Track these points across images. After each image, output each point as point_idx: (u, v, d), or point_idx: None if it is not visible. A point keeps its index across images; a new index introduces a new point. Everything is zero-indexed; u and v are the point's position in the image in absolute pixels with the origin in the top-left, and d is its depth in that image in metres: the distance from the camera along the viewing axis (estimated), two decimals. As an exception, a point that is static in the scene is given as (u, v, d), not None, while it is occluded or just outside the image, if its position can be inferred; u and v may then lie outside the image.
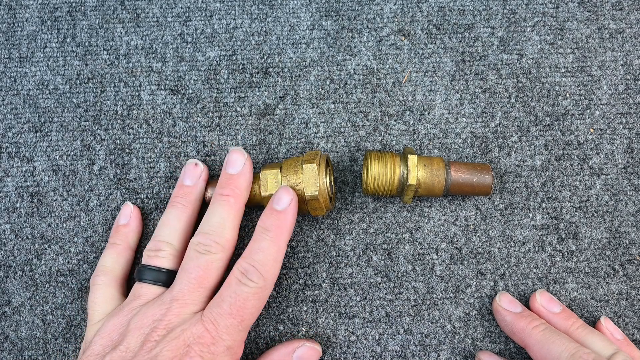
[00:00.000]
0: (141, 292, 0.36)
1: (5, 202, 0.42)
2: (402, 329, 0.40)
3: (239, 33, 0.44)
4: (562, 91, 0.43)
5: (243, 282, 0.34)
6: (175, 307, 0.34)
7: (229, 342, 0.33)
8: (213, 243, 0.35)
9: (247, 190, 0.38)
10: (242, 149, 0.38)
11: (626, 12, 0.44)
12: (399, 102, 0.43)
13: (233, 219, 0.37)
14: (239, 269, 0.34)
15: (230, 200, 0.37)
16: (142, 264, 0.37)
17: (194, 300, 0.34)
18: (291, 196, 0.36)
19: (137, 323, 0.33)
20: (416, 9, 0.44)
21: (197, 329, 0.33)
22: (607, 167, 0.42)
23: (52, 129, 0.43)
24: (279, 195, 0.36)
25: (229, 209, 0.37)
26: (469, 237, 0.41)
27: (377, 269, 0.40)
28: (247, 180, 0.38)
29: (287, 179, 0.36)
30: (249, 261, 0.34)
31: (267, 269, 0.34)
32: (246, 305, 0.33)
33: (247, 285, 0.34)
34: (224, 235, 0.36)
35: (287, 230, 0.36)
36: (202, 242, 0.35)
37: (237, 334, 0.33)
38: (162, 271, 0.36)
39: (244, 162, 0.38)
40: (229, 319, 0.33)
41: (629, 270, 0.40)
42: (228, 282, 0.34)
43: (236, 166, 0.38)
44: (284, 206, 0.36)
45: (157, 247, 0.37)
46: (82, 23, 0.44)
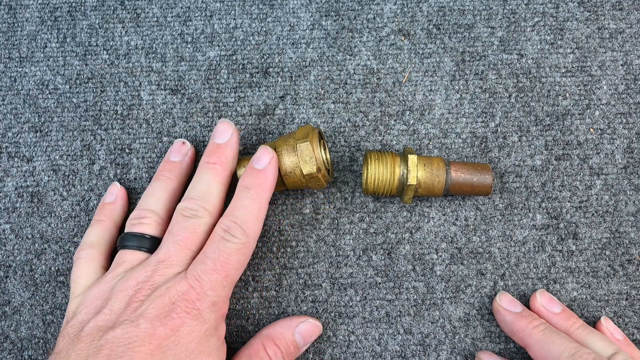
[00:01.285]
0: (125, 258, 0.36)
1: (5, 202, 0.42)
2: (402, 329, 0.40)
3: (239, 33, 0.44)
4: (562, 91, 0.43)
5: (226, 238, 0.34)
6: (161, 268, 0.34)
7: (214, 298, 0.33)
8: (200, 207, 0.36)
9: (234, 160, 0.38)
10: (229, 120, 0.39)
11: (626, 12, 0.44)
12: (399, 102, 0.43)
13: (219, 185, 0.37)
14: (221, 226, 0.35)
15: (217, 167, 0.37)
16: (125, 232, 0.37)
17: (179, 262, 0.34)
18: (270, 155, 0.37)
19: (121, 286, 0.33)
20: (416, 9, 0.44)
21: (181, 286, 0.33)
22: (607, 167, 0.42)
23: (52, 129, 0.43)
24: (258, 155, 0.37)
25: (215, 176, 0.37)
26: (469, 237, 0.41)
27: (377, 269, 0.40)
28: (233, 150, 0.38)
29: (283, 160, 0.37)
30: (231, 218, 0.35)
31: (249, 225, 0.35)
32: (230, 260, 0.34)
33: (230, 241, 0.34)
34: (211, 200, 0.36)
35: (267, 188, 0.37)
36: (188, 207, 0.36)
37: (221, 290, 0.34)
38: (146, 237, 0.36)
39: (231, 132, 0.38)
40: (213, 275, 0.33)
41: (629, 270, 0.40)
42: (211, 239, 0.35)
43: (224, 136, 0.38)
44: (264, 165, 0.37)
45: (141, 215, 0.37)
46: (82, 23, 0.44)
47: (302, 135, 0.37)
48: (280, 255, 0.41)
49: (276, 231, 0.41)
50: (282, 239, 0.41)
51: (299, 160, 0.36)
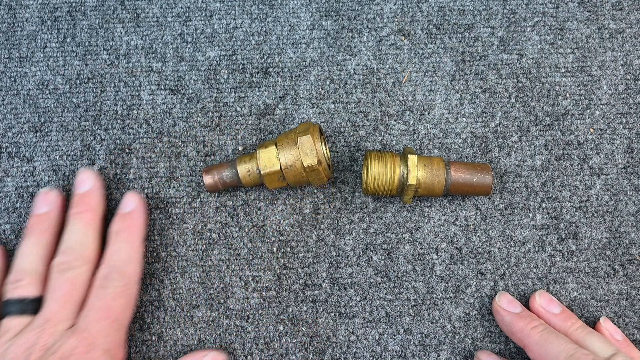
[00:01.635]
0: (10, 325, 0.35)
1: (5, 202, 0.42)
2: (402, 329, 0.40)
3: (239, 33, 0.44)
4: (562, 91, 0.43)
5: (105, 285, 0.35)
6: (48, 327, 0.34)
7: (106, 345, 0.34)
8: (74, 258, 0.36)
9: (101, 205, 0.39)
10: (88, 168, 0.40)
11: (626, 12, 0.44)
12: (399, 102, 0.43)
13: (92, 232, 0.38)
14: (99, 275, 0.36)
15: (86, 215, 0.38)
16: (5, 300, 0.36)
17: (65, 317, 0.34)
18: (136, 198, 0.39)
19: (10, 356, 0.33)
20: (416, 9, 0.44)
21: (71, 342, 0.33)
22: (607, 167, 0.42)
23: (52, 129, 0.43)
24: (124, 200, 0.39)
25: (86, 224, 0.38)
26: (469, 237, 0.41)
27: (377, 269, 0.40)
28: (99, 196, 0.39)
29: (283, 153, 0.37)
30: (107, 265, 0.36)
31: (126, 268, 0.36)
32: (113, 305, 0.35)
33: (109, 287, 0.35)
34: (85, 249, 0.37)
35: (138, 229, 0.38)
36: (62, 261, 0.36)
37: (113, 335, 0.34)
38: (27, 300, 0.35)
39: (93, 179, 0.39)
40: (100, 323, 0.34)
41: (629, 270, 0.40)
42: (91, 289, 0.35)
43: (86, 185, 0.39)
44: (131, 208, 0.39)
45: (17, 278, 0.36)
46: (82, 23, 0.44)
47: (302, 130, 0.37)
48: (280, 255, 0.41)
49: (276, 231, 0.41)
50: (282, 239, 0.41)
51: (299, 153, 0.36)
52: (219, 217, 0.41)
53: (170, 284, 0.40)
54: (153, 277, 0.40)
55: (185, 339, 0.39)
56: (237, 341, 0.39)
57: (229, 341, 0.39)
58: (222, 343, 0.39)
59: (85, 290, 0.36)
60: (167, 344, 0.39)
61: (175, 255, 0.41)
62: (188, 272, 0.40)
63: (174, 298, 0.40)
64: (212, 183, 0.39)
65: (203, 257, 0.41)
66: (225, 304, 0.40)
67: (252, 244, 0.41)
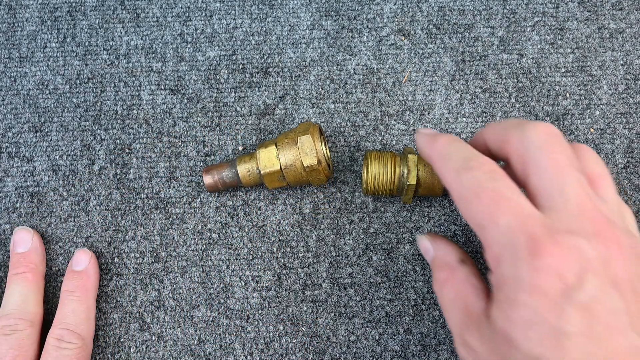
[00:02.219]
0: None
1: (5, 202, 0.42)
2: (402, 329, 0.40)
3: (239, 33, 0.44)
4: (562, 91, 0.43)
5: (61, 347, 0.35)
6: None
7: None
8: (18, 321, 0.35)
9: (42, 264, 0.39)
10: (26, 227, 0.40)
11: (626, 12, 0.44)
12: (399, 102, 0.43)
13: (35, 292, 0.37)
14: (53, 336, 0.35)
15: (27, 276, 0.38)
16: None
17: None
18: (89, 255, 0.39)
19: None
20: (416, 8, 0.44)
21: None
22: (607, 167, 0.42)
23: (52, 129, 0.43)
24: (76, 257, 0.39)
25: (27, 284, 0.37)
26: (469, 237, 0.41)
27: (377, 269, 0.40)
28: (40, 254, 0.39)
29: (283, 153, 0.37)
30: (62, 326, 0.36)
31: (82, 328, 0.36)
32: None
33: (66, 349, 0.35)
34: (29, 310, 0.36)
35: (92, 288, 0.38)
36: (6, 325, 0.35)
37: None
38: None
39: (31, 238, 0.39)
40: None
41: (629, 270, 0.40)
42: (46, 352, 0.35)
43: (25, 244, 0.39)
44: (84, 266, 0.38)
45: None
46: (82, 23, 0.44)
47: (302, 129, 0.37)
48: (280, 255, 0.41)
49: (276, 231, 0.41)
50: (282, 239, 0.41)
51: (299, 153, 0.36)
52: (219, 217, 0.41)
53: (170, 284, 0.40)
54: (153, 277, 0.40)
55: (185, 339, 0.39)
56: (237, 341, 0.39)
57: (229, 341, 0.39)
58: (222, 343, 0.39)
59: (34, 353, 0.36)
60: (167, 344, 0.39)
61: (175, 255, 0.41)
62: (188, 272, 0.40)
63: (174, 298, 0.40)
64: (212, 183, 0.39)
65: (203, 257, 0.41)
66: (225, 304, 0.40)
67: (252, 244, 0.41)
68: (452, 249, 0.32)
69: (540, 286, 0.24)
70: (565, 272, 0.24)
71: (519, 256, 0.24)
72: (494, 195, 0.26)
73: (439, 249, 0.33)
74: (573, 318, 0.23)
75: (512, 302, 0.25)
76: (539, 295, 0.24)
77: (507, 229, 0.25)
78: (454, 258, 0.31)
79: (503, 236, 0.25)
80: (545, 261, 0.24)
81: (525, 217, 0.25)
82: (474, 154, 0.29)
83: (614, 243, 0.25)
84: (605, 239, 0.25)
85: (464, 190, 0.27)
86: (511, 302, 0.25)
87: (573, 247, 0.24)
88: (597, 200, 0.27)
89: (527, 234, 0.25)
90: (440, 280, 0.31)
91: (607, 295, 0.24)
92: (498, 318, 0.25)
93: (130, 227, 0.41)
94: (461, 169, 0.28)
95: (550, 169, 0.27)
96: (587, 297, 0.23)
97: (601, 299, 0.23)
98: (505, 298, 0.25)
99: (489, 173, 0.27)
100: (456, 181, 0.28)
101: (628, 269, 0.24)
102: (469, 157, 0.28)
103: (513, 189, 0.26)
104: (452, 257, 0.31)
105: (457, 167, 0.28)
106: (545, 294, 0.24)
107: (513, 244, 0.25)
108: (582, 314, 0.23)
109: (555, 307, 0.23)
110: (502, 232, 0.25)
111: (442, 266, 0.31)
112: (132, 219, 0.41)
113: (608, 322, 0.23)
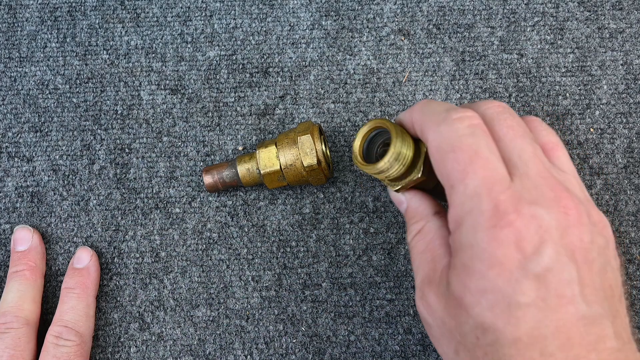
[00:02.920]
0: None
1: (5, 202, 0.42)
2: (402, 329, 0.39)
3: (239, 33, 0.44)
4: (562, 91, 0.43)
5: (60, 344, 0.35)
6: None
7: None
8: (14, 319, 0.35)
9: (42, 262, 0.39)
10: (26, 225, 0.40)
11: (626, 12, 0.44)
12: (399, 101, 0.43)
13: (32, 290, 0.37)
14: (52, 333, 0.35)
15: (25, 274, 0.38)
16: None
17: None
18: (90, 253, 0.39)
19: None
20: (416, 8, 0.44)
21: None
22: (607, 167, 0.42)
23: (52, 129, 0.43)
24: (78, 255, 0.39)
25: (25, 282, 0.37)
26: (469, 237, 0.41)
27: (377, 269, 0.40)
28: (39, 253, 0.39)
29: (283, 153, 0.37)
30: (61, 323, 0.36)
31: (80, 325, 0.36)
32: None
33: (64, 346, 0.35)
34: (24, 308, 0.36)
35: (92, 285, 0.38)
36: (1, 323, 0.35)
37: None
38: None
39: (31, 236, 0.39)
40: None
41: (630, 270, 0.40)
42: (45, 349, 0.35)
43: (25, 243, 0.39)
44: (84, 263, 0.38)
45: None
46: (82, 23, 0.44)
47: (302, 129, 0.37)
48: (280, 255, 0.41)
49: (276, 231, 0.41)
50: (282, 239, 0.41)
51: (299, 153, 0.36)
52: (219, 217, 0.41)
53: (170, 284, 0.40)
54: (153, 277, 0.40)
55: (185, 339, 0.39)
56: (237, 341, 0.39)
57: (229, 341, 0.39)
58: (222, 343, 0.39)
59: (32, 350, 0.36)
60: (167, 344, 0.39)
61: (175, 255, 0.41)
62: (188, 272, 0.40)
63: (174, 298, 0.40)
64: (212, 183, 0.39)
65: (203, 257, 0.41)
66: (225, 303, 0.40)
67: (252, 244, 0.41)
68: (426, 199, 0.31)
69: (498, 257, 0.24)
70: (524, 243, 0.24)
71: (480, 223, 0.24)
72: (470, 153, 0.25)
73: (413, 200, 0.32)
74: (527, 289, 0.23)
75: (469, 270, 0.25)
76: (496, 267, 0.24)
77: (474, 192, 0.25)
78: (428, 209, 0.31)
79: (469, 199, 0.25)
80: (506, 232, 0.24)
81: (494, 182, 0.25)
82: (456, 107, 0.28)
83: (572, 211, 0.25)
84: (564, 208, 0.25)
85: (442, 143, 0.26)
86: (467, 269, 0.25)
87: (534, 217, 0.24)
88: (553, 168, 0.27)
89: (493, 201, 0.24)
90: (413, 231, 0.31)
91: (562, 265, 0.24)
92: (453, 282, 0.25)
93: (130, 227, 0.41)
94: (441, 121, 0.27)
95: (509, 138, 0.27)
96: (542, 267, 0.23)
97: (556, 270, 0.23)
98: (462, 265, 0.25)
99: (471, 127, 0.26)
100: (435, 132, 0.27)
101: (583, 237, 0.25)
102: (450, 108, 0.27)
103: (491, 148, 0.26)
104: (425, 208, 0.31)
105: (439, 119, 0.27)
106: (502, 265, 0.24)
107: (476, 210, 0.24)
108: (537, 284, 0.23)
109: (511, 278, 0.23)
110: (468, 194, 0.25)
111: (416, 217, 0.31)
112: (132, 218, 0.41)
113: (560, 292, 0.23)
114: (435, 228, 0.29)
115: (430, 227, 0.30)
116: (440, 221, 0.30)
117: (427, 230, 0.30)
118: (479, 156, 0.25)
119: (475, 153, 0.25)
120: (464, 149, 0.25)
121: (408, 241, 0.31)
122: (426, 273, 0.28)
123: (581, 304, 0.23)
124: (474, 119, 0.26)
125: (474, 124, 0.26)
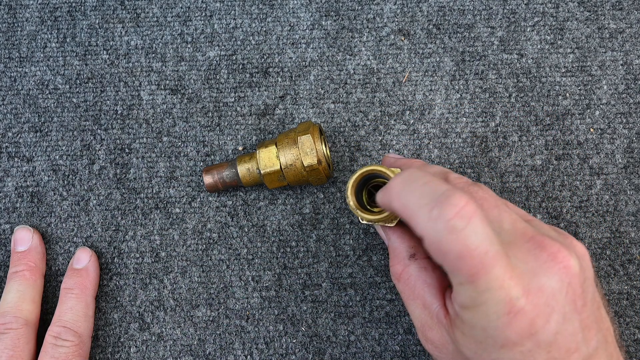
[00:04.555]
0: None
1: (5, 202, 0.42)
2: (402, 329, 0.39)
3: (239, 33, 0.44)
4: (562, 91, 0.43)
5: (58, 344, 0.35)
6: None
7: None
8: (13, 319, 0.36)
9: (42, 262, 0.39)
10: (26, 226, 0.40)
11: (626, 12, 0.44)
12: (399, 102, 0.43)
13: (31, 290, 0.37)
14: (51, 334, 0.35)
15: (25, 274, 0.38)
16: None
17: None
18: (89, 254, 0.39)
19: None
20: (416, 8, 0.44)
21: None
22: (607, 167, 0.42)
23: (52, 129, 0.43)
24: (77, 255, 0.39)
25: (25, 283, 0.37)
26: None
27: (377, 269, 0.40)
28: (39, 253, 0.39)
29: (283, 153, 0.37)
30: (60, 324, 0.36)
31: (79, 326, 0.36)
32: None
33: (63, 346, 0.35)
34: (24, 308, 0.36)
35: (91, 286, 0.38)
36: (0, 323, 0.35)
37: None
38: None
39: (31, 236, 0.39)
40: None
41: (630, 270, 0.40)
42: (44, 350, 0.35)
43: (25, 243, 0.39)
44: (84, 264, 0.38)
45: None
46: (82, 23, 0.44)
47: (303, 129, 0.37)
48: (280, 255, 0.41)
49: (276, 231, 0.41)
50: (282, 239, 0.41)
51: (299, 152, 0.36)
52: (219, 217, 0.41)
53: (170, 284, 0.40)
54: (153, 277, 0.40)
55: (185, 339, 0.39)
56: (237, 341, 0.39)
57: (229, 341, 0.39)
58: (222, 343, 0.39)
59: (31, 351, 0.36)
60: (167, 344, 0.39)
61: (175, 255, 0.41)
62: (188, 272, 0.40)
63: (174, 298, 0.40)
64: (212, 183, 0.39)
65: (203, 257, 0.41)
66: (225, 303, 0.40)
67: (252, 244, 0.41)
68: (402, 242, 0.31)
69: (512, 339, 0.24)
70: (536, 320, 0.24)
71: (494, 312, 0.24)
72: (481, 256, 0.23)
73: (392, 241, 0.32)
74: (539, 357, 0.24)
75: (481, 345, 0.25)
76: (509, 345, 0.24)
77: (485, 288, 0.24)
78: (404, 254, 0.31)
79: (479, 295, 0.24)
80: (519, 318, 0.24)
81: (504, 275, 0.24)
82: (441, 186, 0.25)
83: (568, 265, 0.25)
84: (562, 263, 0.25)
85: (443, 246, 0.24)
86: (480, 344, 0.25)
87: (540, 290, 0.24)
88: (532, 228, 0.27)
89: (505, 294, 0.24)
90: (395, 274, 0.31)
91: (567, 321, 0.25)
92: (464, 347, 0.26)
93: (130, 227, 0.41)
94: (435, 218, 0.24)
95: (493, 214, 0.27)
96: (552, 334, 0.24)
97: (563, 330, 0.24)
98: (473, 337, 0.26)
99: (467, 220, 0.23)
100: (430, 229, 0.24)
101: (580, 281, 0.25)
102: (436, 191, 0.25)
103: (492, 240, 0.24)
104: (402, 250, 0.31)
105: (429, 208, 0.24)
106: (516, 344, 0.24)
107: (490, 301, 0.24)
108: (548, 349, 0.24)
109: (523, 350, 0.24)
110: (480, 291, 0.24)
111: (396, 259, 0.31)
112: (132, 218, 0.41)
113: (568, 346, 0.24)
114: (416, 274, 0.30)
115: (410, 273, 0.30)
116: (417, 264, 0.30)
117: (407, 276, 0.30)
118: (488, 255, 0.23)
119: (486, 254, 0.23)
120: (474, 256, 0.23)
121: (392, 279, 0.32)
122: (423, 320, 0.29)
123: (583, 348, 0.25)
124: (468, 205, 0.24)
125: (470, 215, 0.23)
